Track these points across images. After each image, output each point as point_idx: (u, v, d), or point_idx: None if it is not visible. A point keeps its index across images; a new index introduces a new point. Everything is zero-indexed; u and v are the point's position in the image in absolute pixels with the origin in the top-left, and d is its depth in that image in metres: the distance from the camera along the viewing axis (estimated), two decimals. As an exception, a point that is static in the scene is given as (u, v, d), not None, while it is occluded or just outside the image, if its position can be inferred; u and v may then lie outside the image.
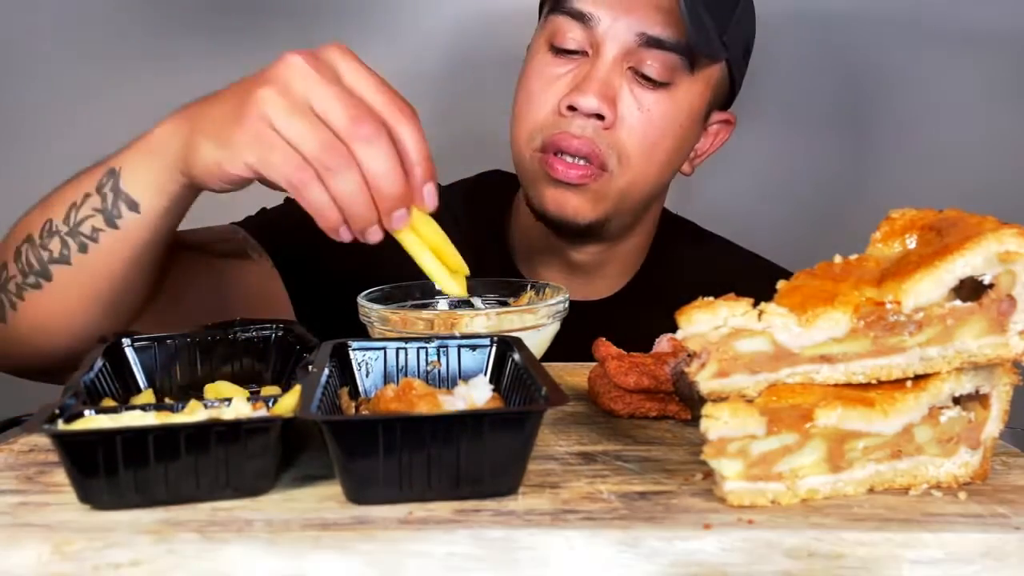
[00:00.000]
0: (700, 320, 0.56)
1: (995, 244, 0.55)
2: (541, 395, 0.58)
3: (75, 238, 0.80)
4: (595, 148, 0.97)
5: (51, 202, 0.83)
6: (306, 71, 0.68)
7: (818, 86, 1.52)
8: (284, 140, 0.67)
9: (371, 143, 0.67)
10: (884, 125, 1.52)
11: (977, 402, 0.60)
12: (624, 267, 1.13)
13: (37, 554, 0.50)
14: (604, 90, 0.96)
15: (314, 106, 0.67)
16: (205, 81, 0.79)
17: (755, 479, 0.56)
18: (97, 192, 0.79)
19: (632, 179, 1.00)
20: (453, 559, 0.51)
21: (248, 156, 0.69)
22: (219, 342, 0.74)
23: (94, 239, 0.80)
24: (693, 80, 1.00)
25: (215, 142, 0.71)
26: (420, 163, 0.69)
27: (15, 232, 0.85)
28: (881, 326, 0.56)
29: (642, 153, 0.99)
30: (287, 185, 0.68)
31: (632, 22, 0.97)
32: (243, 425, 0.55)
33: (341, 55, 0.70)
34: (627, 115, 0.98)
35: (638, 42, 0.97)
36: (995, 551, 0.52)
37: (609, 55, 0.97)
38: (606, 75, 0.97)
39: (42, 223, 0.82)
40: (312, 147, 0.67)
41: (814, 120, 1.53)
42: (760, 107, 1.43)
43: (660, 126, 0.99)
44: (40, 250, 0.81)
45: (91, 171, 0.82)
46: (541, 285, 0.87)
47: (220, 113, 0.72)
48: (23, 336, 0.85)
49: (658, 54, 0.97)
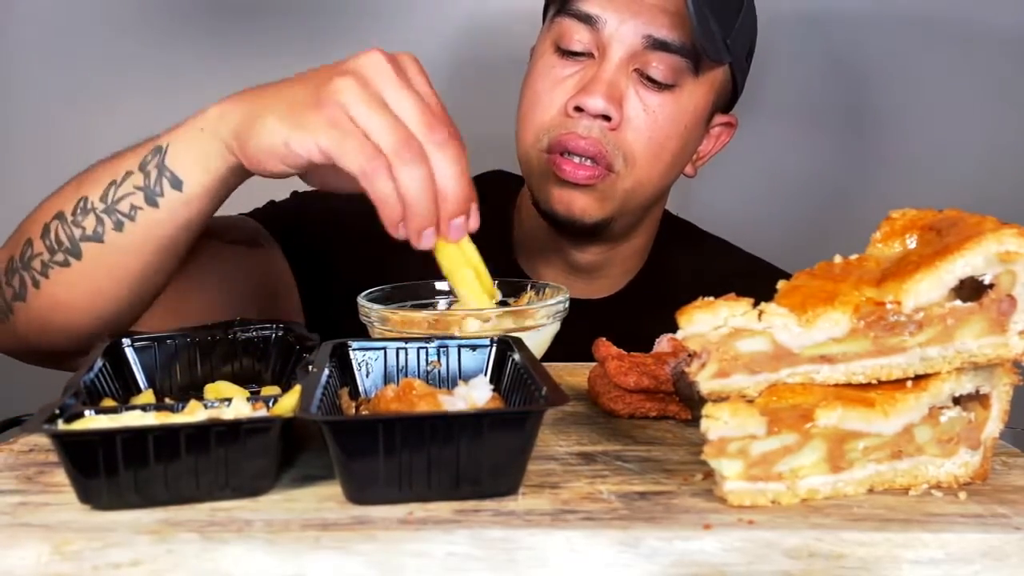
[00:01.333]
0: (700, 320, 0.56)
1: (995, 244, 0.55)
2: (541, 395, 0.58)
3: (111, 215, 0.80)
4: (602, 149, 0.98)
5: (86, 180, 0.82)
6: (386, 69, 0.71)
7: (818, 86, 1.52)
8: (361, 128, 0.69)
9: (443, 148, 0.70)
10: (884, 125, 1.52)
11: (977, 402, 0.60)
12: (625, 267, 1.13)
13: (37, 554, 0.50)
14: (610, 91, 0.97)
15: (391, 104, 0.70)
16: (208, 83, 0.79)
17: (755, 479, 0.56)
18: (140, 170, 0.79)
19: (638, 180, 1.01)
20: (453, 559, 0.51)
21: (322, 139, 0.70)
22: (219, 342, 0.74)
23: (131, 217, 0.79)
24: (697, 83, 1.01)
25: (286, 122, 0.72)
26: (471, 185, 0.72)
27: (42, 210, 0.84)
28: (881, 326, 0.56)
29: (648, 154, 1.00)
30: (359, 172, 0.69)
31: (639, 24, 0.97)
32: (243, 425, 0.55)
33: (415, 65, 0.74)
34: (633, 116, 0.98)
35: (644, 44, 0.97)
36: (995, 551, 0.52)
37: (615, 57, 0.98)
38: (612, 77, 0.98)
39: (76, 200, 0.81)
40: (388, 140, 0.69)
41: (814, 121, 1.53)
42: (760, 107, 1.43)
43: (665, 128, 1.00)
44: (72, 227, 0.81)
45: (135, 149, 0.81)
46: (541, 285, 0.87)
47: (293, 95, 0.73)
48: (42, 316, 0.84)
49: (664, 56, 0.98)
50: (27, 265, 0.83)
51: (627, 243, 1.11)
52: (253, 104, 0.76)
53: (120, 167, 0.81)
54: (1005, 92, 1.49)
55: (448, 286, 0.87)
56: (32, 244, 0.83)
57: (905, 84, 1.50)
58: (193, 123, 0.78)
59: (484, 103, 1.45)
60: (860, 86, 1.52)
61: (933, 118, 1.50)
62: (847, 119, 1.53)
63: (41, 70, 1.48)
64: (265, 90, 0.77)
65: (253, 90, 0.78)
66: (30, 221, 0.85)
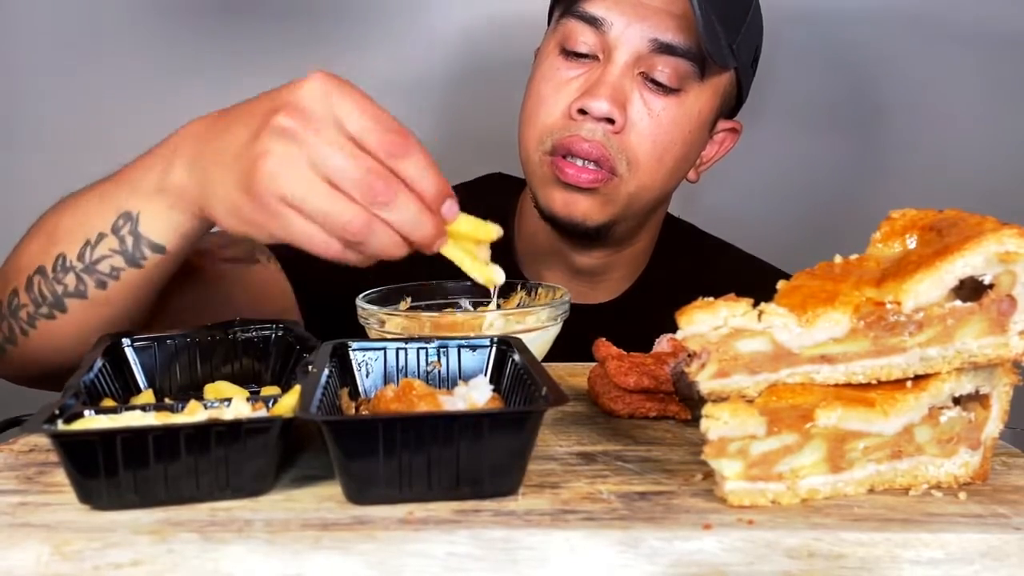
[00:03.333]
0: (700, 320, 0.56)
1: (995, 244, 0.55)
2: (541, 395, 0.58)
3: (92, 275, 0.78)
4: (605, 152, 0.97)
5: (57, 232, 0.80)
6: (302, 134, 0.64)
7: (820, 87, 1.52)
8: (306, 217, 0.65)
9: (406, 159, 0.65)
10: (884, 126, 1.52)
11: (977, 402, 0.60)
12: (628, 271, 1.13)
13: (37, 554, 0.50)
14: (615, 95, 0.97)
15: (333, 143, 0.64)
16: (205, 84, 0.79)
17: (755, 479, 0.55)
18: (113, 234, 0.77)
19: (641, 183, 1.00)
20: (453, 559, 0.51)
21: (279, 233, 0.67)
22: (219, 342, 0.74)
23: (114, 277, 0.78)
24: (703, 87, 1.00)
25: (234, 217, 0.69)
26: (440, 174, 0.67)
27: (22, 255, 0.83)
28: (881, 326, 0.56)
29: (651, 158, 0.99)
30: (339, 253, 0.66)
31: (645, 28, 0.97)
32: (243, 425, 0.55)
33: (330, 94, 0.66)
34: (637, 120, 0.98)
35: (650, 48, 0.97)
36: (995, 551, 0.52)
37: (621, 60, 0.98)
38: (617, 80, 0.97)
39: (54, 256, 0.80)
40: (357, 190, 0.64)
41: (815, 121, 1.53)
42: (762, 107, 1.43)
43: (670, 132, 0.99)
44: (54, 283, 0.79)
45: (93, 200, 0.79)
46: (533, 285, 0.87)
47: (232, 158, 0.68)
48: (35, 357, 0.84)
49: (669, 60, 0.97)
50: (14, 314, 0.83)
51: (630, 247, 1.11)
52: (199, 181, 0.71)
53: (88, 225, 0.78)
54: (1008, 92, 1.49)
55: (448, 287, 0.88)
56: (18, 294, 0.82)
57: (905, 84, 1.50)
58: (154, 186, 0.75)
59: (486, 105, 1.45)
60: (862, 86, 1.51)
61: (935, 118, 1.50)
62: (848, 119, 1.53)
63: (42, 68, 1.48)
64: (207, 145, 0.72)
65: (195, 140, 0.73)
66: (14, 267, 0.84)
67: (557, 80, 1.01)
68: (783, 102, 1.50)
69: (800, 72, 1.50)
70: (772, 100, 1.48)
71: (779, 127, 1.51)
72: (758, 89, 1.12)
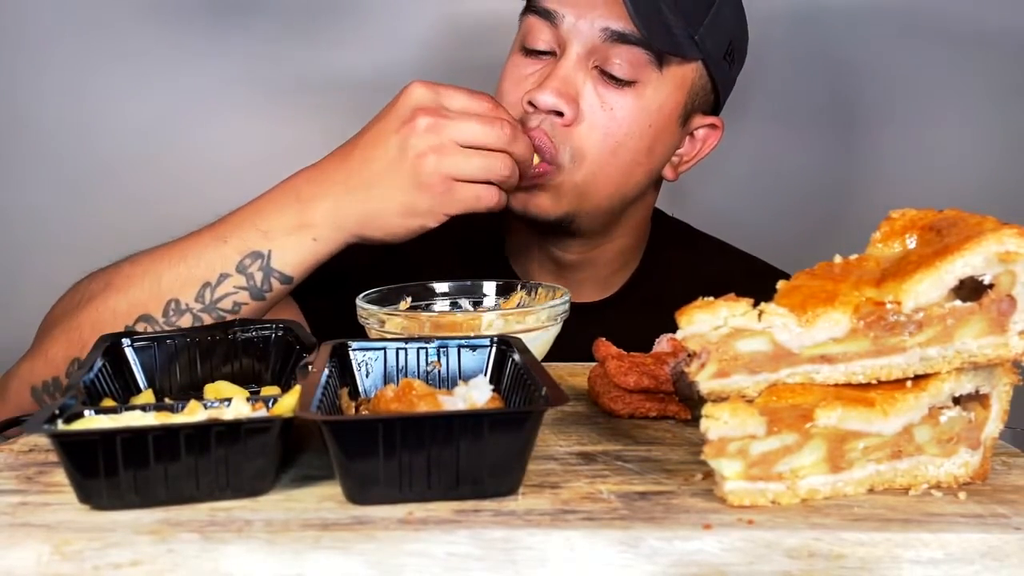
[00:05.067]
0: (700, 320, 0.56)
1: (995, 244, 0.55)
2: (541, 395, 0.58)
3: (211, 312, 0.86)
4: (547, 142, 0.97)
5: (161, 284, 0.87)
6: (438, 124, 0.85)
7: (814, 85, 1.51)
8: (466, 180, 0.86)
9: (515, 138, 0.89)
10: (882, 124, 1.52)
11: (977, 402, 0.60)
12: (614, 269, 1.12)
13: (37, 554, 0.50)
14: (563, 87, 0.97)
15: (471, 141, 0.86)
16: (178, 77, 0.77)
17: (755, 479, 0.55)
18: (239, 272, 0.86)
19: (590, 176, 0.99)
20: (453, 559, 0.51)
21: (453, 208, 0.87)
22: (219, 342, 0.74)
23: (235, 311, 0.87)
24: (662, 79, 0.99)
25: (407, 214, 0.87)
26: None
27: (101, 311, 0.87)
28: (881, 326, 0.56)
29: (603, 151, 0.99)
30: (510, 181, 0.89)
31: (596, 18, 0.97)
32: (243, 425, 0.55)
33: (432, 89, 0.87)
34: (589, 113, 0.98)
35: (603, 38, 0.97)
36: (995, 551, 0.52)
37: (573, 52, 0.98)
38: (569, 72, 0.97)
39: (164, 303, 0.86)
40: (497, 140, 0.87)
41: (809, 119, 1.52)
42: (753, 105, 1.43)
43: (625, 125, 0.99)
44: (164, 327, 0.86)
45: (203, 247, 0.87)
46: (533, 285, 0.88)
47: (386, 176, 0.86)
48: None
49: (623, 50, 0.97)
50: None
51: (609, 243, 1.10)
52: (360, 203, 0.86)
53: (205, 268, 0.87)
54: (1005, 91, 1.49)
55: (447, 287, 0.88)
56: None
57: (905, 83, 1.50)
58: (292, 224, 0.87)
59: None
60: (857, 84, 1.51)
61: (933, 117, 1.50)
62: (843, 118, 1.52)
63: (42, 65, 1.48)
64: (349, 176, 0.87)
65: (337, 180, 0.87)
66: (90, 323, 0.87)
67: (516, 76, 1.02)
68: (776, 99, 1.49)
69: (791, 69, 1.49)
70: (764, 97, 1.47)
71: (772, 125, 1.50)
72: (749, 86, 1.11)
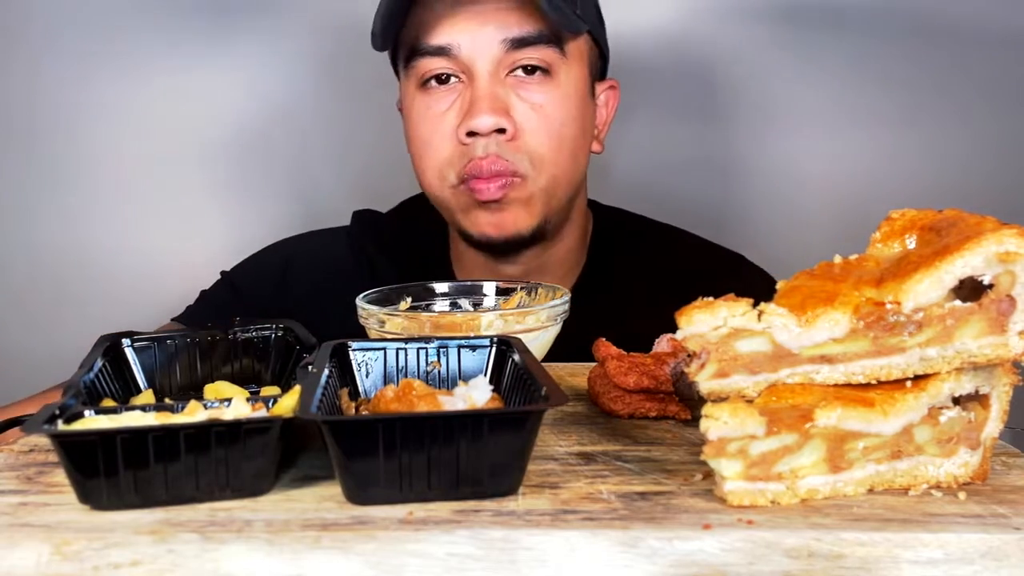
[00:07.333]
0: (700, 320, 0.56)
1: (995, 244, 0.55)
2: (541, 395, 0.58)
3: None
4: (502, 161, 0.98)
5: None
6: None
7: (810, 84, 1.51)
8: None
9: None
10: (881, 123, 1.51)
11: (977, 402, 0.60)
12: (564, 270, 1.12)
13: (37, 554, 0.50)
14: (494, 105, 0.97)
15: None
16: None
17: (755, 479, 0.56)
18: None
19: (552, 175, 1.01)
20: (453, 559, 0.51)
21: None
22: (219, 342, 0.74)
23: None
24: (568, 62, 1.01)
25: None
26: None
27: None
28: (881, 326, 0.56)
29: (552, 149, 1.00)
30: None
31: (492, 33, 0.97)
32: (243, 425, 0.55)
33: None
34: (525, 120, 0.99)
35: (504, 48, 0.98)
36: (995, 551, 0.52)
37: (484, 71, 0.98)
38: (490, 90, 0.98)
39: None
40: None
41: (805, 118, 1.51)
42: (750, 104, 1.42)
43: (559, 116, 1.00)
44: None
45: None
46: (533, 285, 0.88)
47: None
48: None
49: (528, 51, 0.98)
50: None
51: (560, 243, 1.09)
52: None
53: None
54: (1005, 91, 1.49)
55: (447, 287, 0.88)
56: None
57: (905, 82, 1.50)
58: None
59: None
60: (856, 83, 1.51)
61: (932, 117, 1.50)
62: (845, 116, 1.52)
63: (41, 64, 1.48)
64: None
65: None
66: None
67: (431, 116, 1.01)
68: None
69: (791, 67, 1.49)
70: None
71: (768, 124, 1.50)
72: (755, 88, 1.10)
